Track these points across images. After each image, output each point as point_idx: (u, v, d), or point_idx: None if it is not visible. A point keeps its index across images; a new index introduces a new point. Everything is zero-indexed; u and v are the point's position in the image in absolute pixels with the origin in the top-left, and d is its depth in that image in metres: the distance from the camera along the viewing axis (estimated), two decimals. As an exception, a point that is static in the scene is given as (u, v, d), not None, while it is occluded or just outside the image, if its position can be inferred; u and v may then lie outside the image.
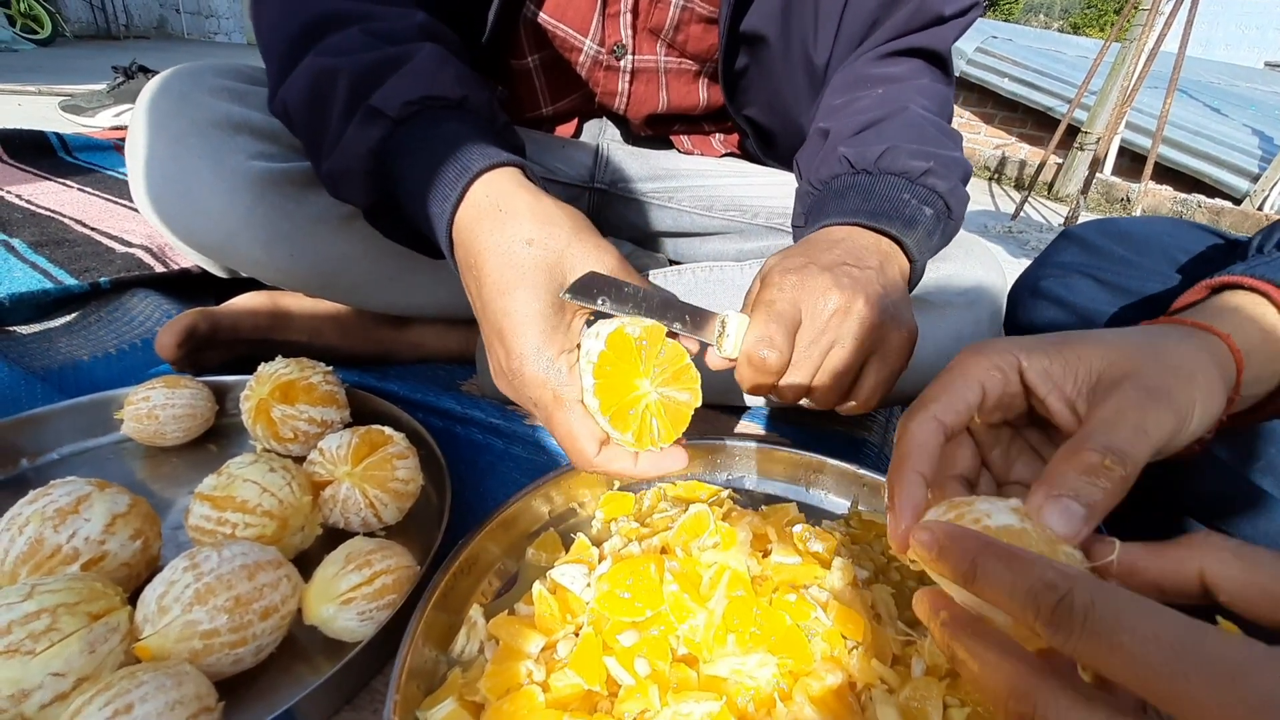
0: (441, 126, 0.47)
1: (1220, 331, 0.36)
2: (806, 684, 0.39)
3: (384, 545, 0.47)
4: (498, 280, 0.42)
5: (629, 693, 0.39)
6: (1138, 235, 0.65)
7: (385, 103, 0.47)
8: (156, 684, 0.34)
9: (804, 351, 0.44)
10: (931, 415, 0.34)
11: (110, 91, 2.17)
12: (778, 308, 0.43)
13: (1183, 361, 0.34)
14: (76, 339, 0.82)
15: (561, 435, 0.43)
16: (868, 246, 0.49)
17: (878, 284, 0.46)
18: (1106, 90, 3.18)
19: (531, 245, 0.42)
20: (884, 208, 0.50)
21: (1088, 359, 0.34)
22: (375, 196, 0.51)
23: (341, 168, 0.50)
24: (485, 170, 0.44)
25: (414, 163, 0.47)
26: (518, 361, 0.41)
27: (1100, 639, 0.22)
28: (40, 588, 0.37)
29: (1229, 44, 10.62)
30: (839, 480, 0.61)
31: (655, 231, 0.87)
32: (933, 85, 0.63)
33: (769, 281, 0.45)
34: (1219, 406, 0.34)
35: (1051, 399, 0.34)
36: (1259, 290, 0.39)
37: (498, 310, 0.42)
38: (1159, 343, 0.35)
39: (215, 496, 0.47)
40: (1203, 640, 0.20)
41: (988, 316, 0.67)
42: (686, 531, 0.49)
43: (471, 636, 0.44)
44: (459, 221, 0.44)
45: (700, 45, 0.72)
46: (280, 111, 0.53)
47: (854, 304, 0.44)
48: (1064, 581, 0.23)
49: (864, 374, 0.47)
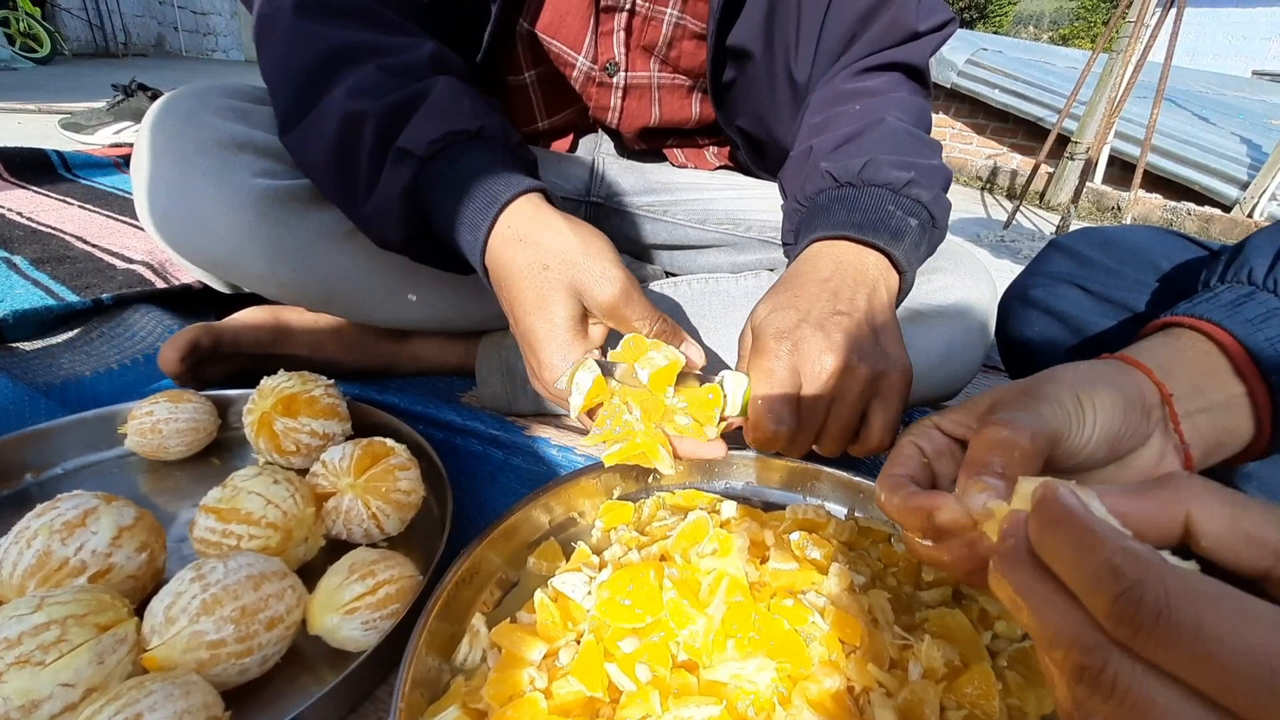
0: (465, 160, 0.52)
1: (1142, 364, 0.39)
2: (805, 688, 0.40)
3: (387, 555, 0.48)
4: (523, 301, 0.48)
5: (630, 699, 0.40)
6: (1122, 244, 0.66)
7: (412, 143, 0.51)
8: (165, 694, 0.35)
9: (808, 414, 0.47)
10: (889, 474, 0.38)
11: (110, 109, 2.19)
12: (778, 376, 0.46)
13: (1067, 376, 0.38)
14: (79, 355, 0.83)
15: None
16: (856, 277, 0.50)
17: (870, 330, 0.49)
18: (1095, 100, 3.23)
19: (548, 270, 0.48)
20: (869, 220, 0.52)
21: (983, 399, 0.40)
22: (411, 232, 0.55)
23: (379, 210, 0.54)
24: (508, 202, 0.50)
25: (444, 196, 0.52)
26: (548, 370, 0.49)
27: (1180, 645, 0.19)
28: (49, 600, 0.38)
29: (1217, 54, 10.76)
30: (836, 487, 0.62)
31: (650, 244, 0.88)
32: (910, 98, 0.65)
33: (764, 348, 0.47)
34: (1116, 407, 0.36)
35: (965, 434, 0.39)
36: (1198, 329, 0.42)
37: (526, 327, 0.49)
38: (1051, 370, 0.39)
39: (220, 509, 0.48)
40: None
41: (978, 327, 0.68)
42: (685, 539, 0.50)
43: (474, 645, 0.45)
44: (490, 250, 0.50)
45: (693, 61, 0.73)
46: (297, 148, 0.56)
47: (849, 361, 0.46)
48: (1133, 569, 0.20)
49: (869, 419, 0.49)
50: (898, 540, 0.56)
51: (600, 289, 0.48)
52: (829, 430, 0.48)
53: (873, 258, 0.51)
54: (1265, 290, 0.42)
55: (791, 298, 0.49)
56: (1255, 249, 0.44)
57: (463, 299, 0.73)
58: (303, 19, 0.55)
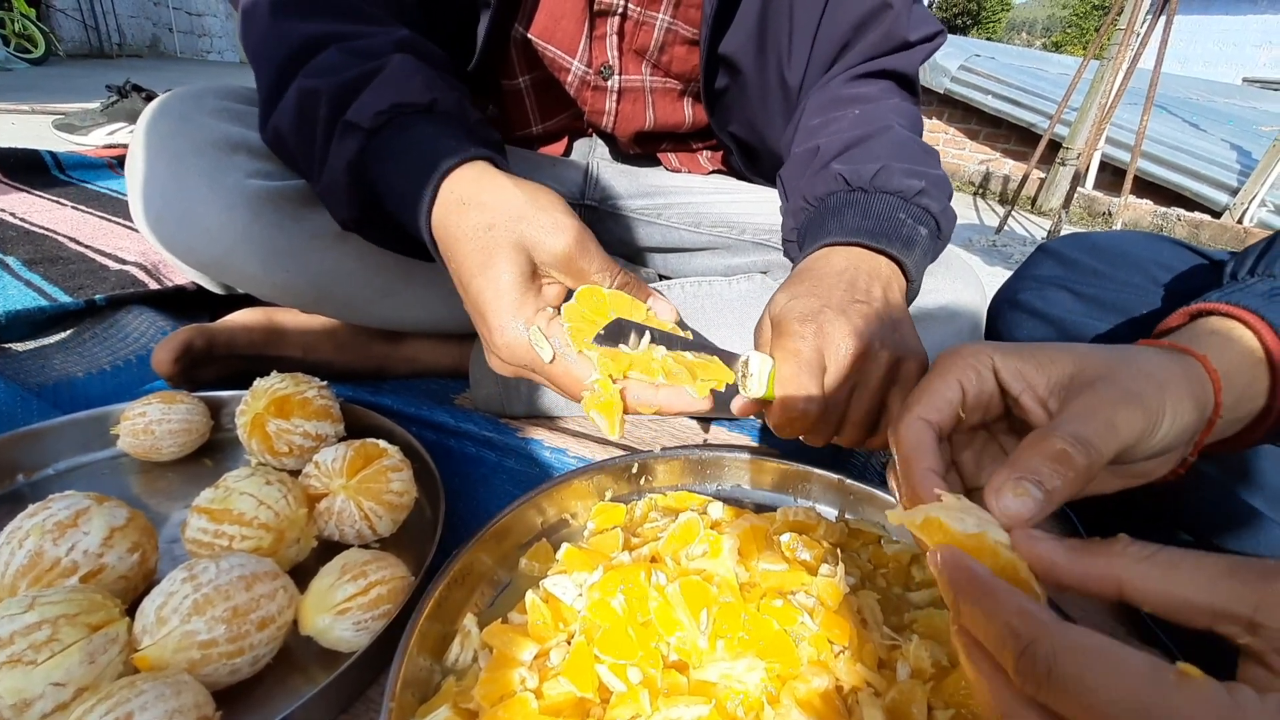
0: (411, 131, 0.50)
1: (1197, 353, 0.37)
2: (793, 687, 0.40)
3: (379, 556, 0.48)
4: (469, 265, 0.46)
5: (620, 699, 0.40)
6: (1111, 249, 0.67)
7: (359, 115, 0.50)
8: (156, 693, 0.35)
9: (832, 397, 0.46)
10: (917, 416, 0.36)
11: (104, 110, 2.18)
12: (805, 357, 0.44)
13: (1156, 371, 0.35)
14: (71, 356, 0.82)
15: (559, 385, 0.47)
16: (871, 274, 0.50)
17: (888, 318, 0.48)
18: (1086, 107, 3.25)
19: (492, 230, 0.45)
20: (883, 227, 0.52)
21: (1061, 362, 0.35)
22: (362, 209, 0.54)
23: (330, 185, 0.52)
24: (452, 168, 0.47)
25: (389, 170, 0.50)
26: (498, 333, 0.46)
27: (1068, 695, 0.22)
28: (41, 600, 0.38)
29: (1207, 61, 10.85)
30: (826, 489, 0.63)
31: (644, 247, 0.89)
32: (904, 104, 0.66)
33: (788, 330, 0.46)
34: (1191, 420, 0.35)
35: (1025, 397, 0.35)
36: (1234, 316, 0.41)
37: (474, 292, 0.46)
38: (1131, 354, 0.36)
39: (212, 509, 0.48)
40: (1170, 698, 0.20)
41: (968, 329, 0.69)
42: (676, 540, 0.50)
43: (465, 646, 0.45)
44: (435, 218, 0.48)
45: (684, 66, 0.74)
46: (273, 138, 0.55)
47: (871, 346, 0.46)
48: (1027, 630, 0.23)
49: (888, 406, 0.48)
50: (888, 542, 0.57)
51: (551, 240, 0.45)
52: (850, 417, 0.47)
53: (884, 262, 0.51)
54: None
55: (810, 287, 0.48)
56: None
57: (455, 299, 0.73)
58: (280, 14, 0.55)
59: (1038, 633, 0.23)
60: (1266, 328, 0.40)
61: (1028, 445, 0.31)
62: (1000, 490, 0.30)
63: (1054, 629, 0.23)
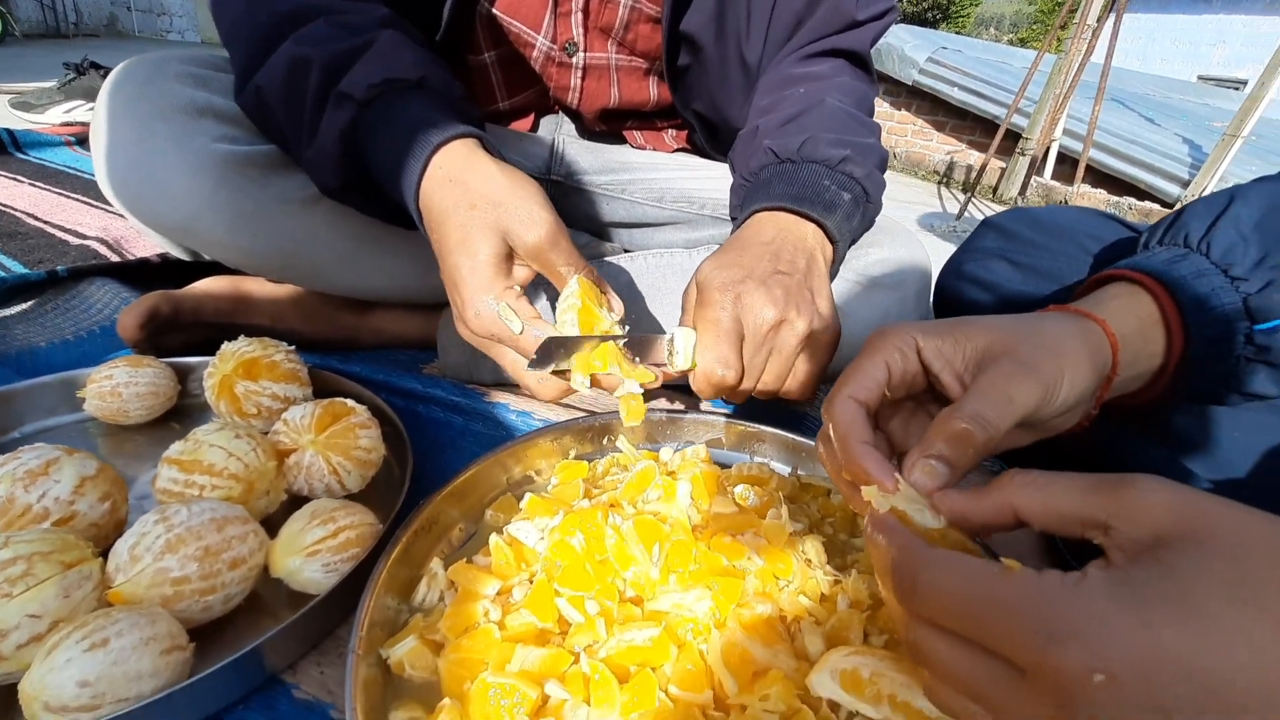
0: (403, 106, 0.52)
1: (1097, 316, 0.42)
2: (739, 613, 0.43)
3: (347, 505, 0.50)
4: (449, 240, 0.49)
5: (579, 629, 0.43)
6: (1047, 222, 0.71)
7: (352, 87, 0.52)
8: (131, 622, 0.37)
9: (749, 363, 0.51)
10: (848, 396, 0.39)
11: (61, 88, 2.13)
12: (724, 326, 0.50)
13: (1053, 340, 0.39)
14: (33, 326, 0.82)
15: (505, 363, 0.53)
16: (796, 243, 0.54)
17: (807, 289, 0.52)
18: (1044, 98, 3.35)
19: (475, 209, 0.49)
20: (806, 193, 0.56)
21: (974, 339, 0.39)
22: (349, 176, 0.56)
23: (319, 153, 0.55)
24: (441, 144, 0.50)
25: (381, 141, 0.53)
26: (469, 305, 0.49)
27: (929, 600, 0.27)
28: (14, 539, 0.39)
29: (1164, 58, 11.17)
30: (780, 448, 0.66)
31: (609, 222, 0.91)
32: (852, 82, 0.69)
33: (709, 299, 0.50)
34: (1088, 382, 0.39)
35: (944, 375, 0.39)
36: (1136, 281, 0.45)
37: (451, 265, 0.50)
38: (1036, 325, 0.40)
39: (183, 460, 0.49)
40: (995, 584, 0.25)
41: (913, 295, 0.73)
42: (633, 488, 0.53)
43: (432, 586, 0.47)
44: (423, 191, 0.51)
45: (649, 44, 0.76)
46: (255, 101, 0.57)
47: (788, 315, 0.50)
48: (901, 557, 0.28)
49: (795, 370, 0.53)
50: (836, 494, 0.60)
51: (527, 230, 0.49)
52: (765, 380, 0.52)
53: (810, 228, 0.55)
54: (1198, 253, 0.46)
55: (736, 257, 0.52)
56: (1192, 215, 0.48)
57: (421, 268, 0.74)
58: None
59: (908, 557, 0.28)
60: (1163, 291, 0.44)
61: (935, 425, 0.36)
62: (912, 468, 0.35)
63: (921, 553, 0.28)
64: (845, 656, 0.38)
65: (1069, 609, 0.22)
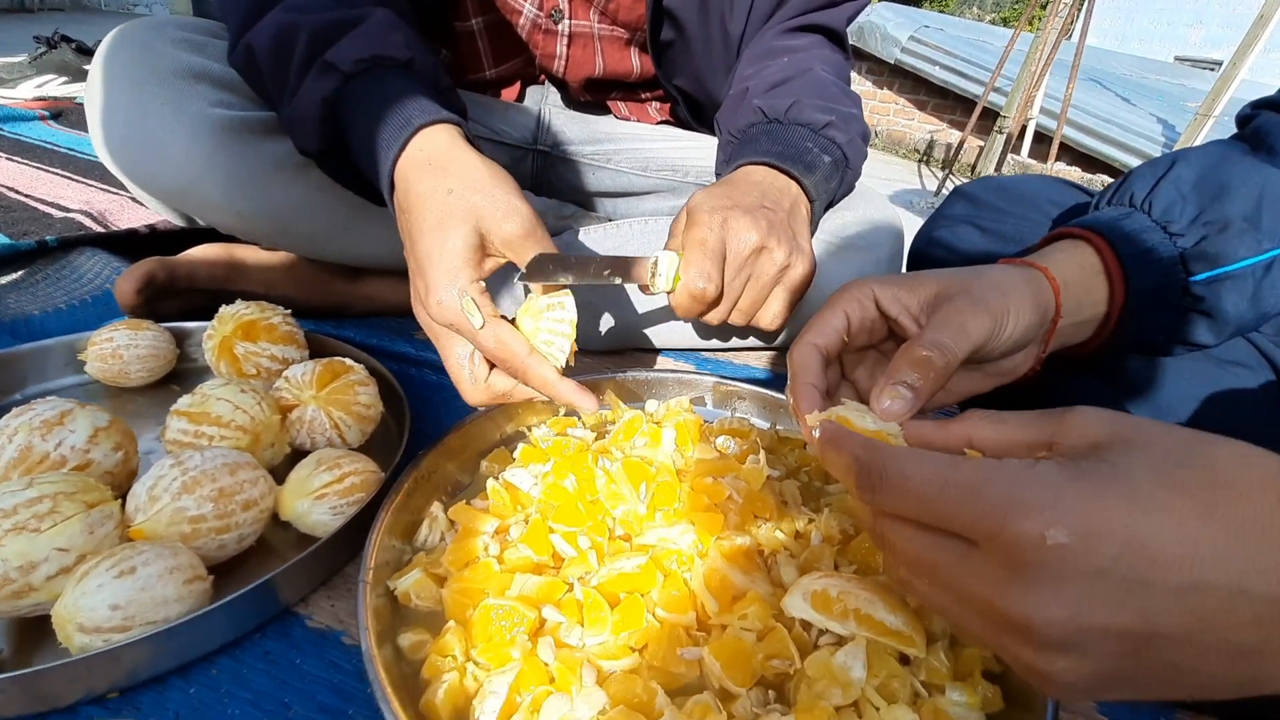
0: (389, 84, 0.53)
1: (1039, 265, 0.46)
2: (719, 544, 0.46)
3: (351, 454, 0.52)
4: (423, 224, 0.48)
5: (573, 561, 0.46)
6: (1012, 189, 0.75)
7: (339, 58, 0.53)
8: (155, 553, 0.39)
9: (729, 284, 0.54)
10: (808, 342, 0.43)
11: (32, 62, 2.08)
12: (710, 245, 0.52)
13: (1001, 282, 0.43)
14: (25, 295, 0.83)
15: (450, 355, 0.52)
16: (781, 189, 0.57)
17: (790, 226, 0.55)
18: (1021, 78, 3.39)
19: (452, 195, 0.48)
20: (789, 152, 0.59)
21: (928, 285, 0.43)
22: (327, 143, 0.57)
23: (299, 114, 0.55)
24: (423, 126, 0.50)
25: (362, 115, 0.53)
26: (433, 292, 0.48)
27: (895, 492, 0.28)
28: (39, 480, 0.41)
29: (1142, 39, 11.25)
30: (759, 405, 0.69)
31: (594, 191, 0.93)
32: (832, 55, 0.73)
33: (697, 220, 0.53)
34: (1033, 320, 0.43)
35: (902, 318, 0.43)
36: (1082, 237, 0.49)
37: (420, 248, 0.49)
38: (984, 271, 0.44)
39: (191, 412, 0.51)
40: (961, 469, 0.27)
41: (886, 257, 0.76)
42: (621, 435, 0.56)
43: (433, 528, 0.50)
44: (399, 171, 0.51)
45: (630, 15, 0.78)
46: (243, 58, 0.58)
47: (769, 243, 0.53)
48: (864, 455, 0.30)
49: (770, 299, 0.57)
50: (811, 446, 0.64)
51: (505, 219, 0.48)
52: (741, 305, 0.55)
53: (794, 185, 0.59)
54: (1141, 211, 0.50)
55: (726, 190, 0.55)
56: (1138, 176, 0.52)
57: None
58: None
59: (870, 454, 0.30)
60: (1105, 244, 0.48)
61: (899, 355, 0.39)
62: (879, 395, 0.38)
63: (882, 449, 0.30)
64: (816, 579, 0.41)
65: (1028, 485, 0.25)
